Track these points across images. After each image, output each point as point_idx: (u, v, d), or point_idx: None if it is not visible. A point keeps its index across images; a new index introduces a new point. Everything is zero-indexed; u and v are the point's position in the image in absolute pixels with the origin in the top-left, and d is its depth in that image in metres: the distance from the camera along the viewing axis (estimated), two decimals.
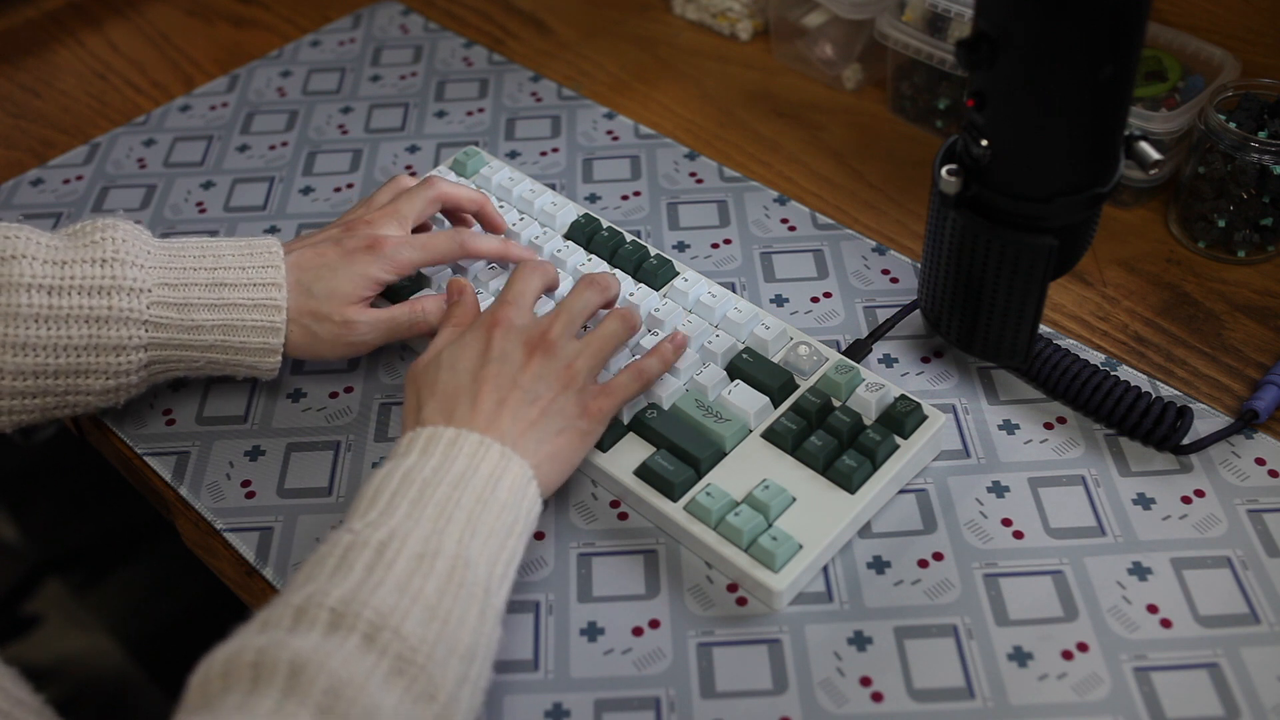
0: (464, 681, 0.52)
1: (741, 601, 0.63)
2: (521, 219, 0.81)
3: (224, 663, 0.49)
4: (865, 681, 0.59)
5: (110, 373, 0.67)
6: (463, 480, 0.57)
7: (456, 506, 0.56)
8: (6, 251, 0.65)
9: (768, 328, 0.72)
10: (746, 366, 0.70)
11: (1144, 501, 0.66)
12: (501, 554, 0.57)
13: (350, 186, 0.91)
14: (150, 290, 0.67)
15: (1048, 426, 0.70)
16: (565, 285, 0.75)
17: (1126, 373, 0.73)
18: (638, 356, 0.69)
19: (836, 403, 0.68)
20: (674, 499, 0.65)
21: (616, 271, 0.77)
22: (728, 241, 0.84)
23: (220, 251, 0.70)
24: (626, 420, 0.68)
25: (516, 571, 0.59)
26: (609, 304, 0.70)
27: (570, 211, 0.82)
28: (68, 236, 0.68)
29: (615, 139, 0.93)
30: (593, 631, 0.62)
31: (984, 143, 0.60)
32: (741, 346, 0.72)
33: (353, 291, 0.70)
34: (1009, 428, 0.70)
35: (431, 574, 0.53)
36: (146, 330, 0.67)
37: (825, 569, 0.64)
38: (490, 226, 0.79)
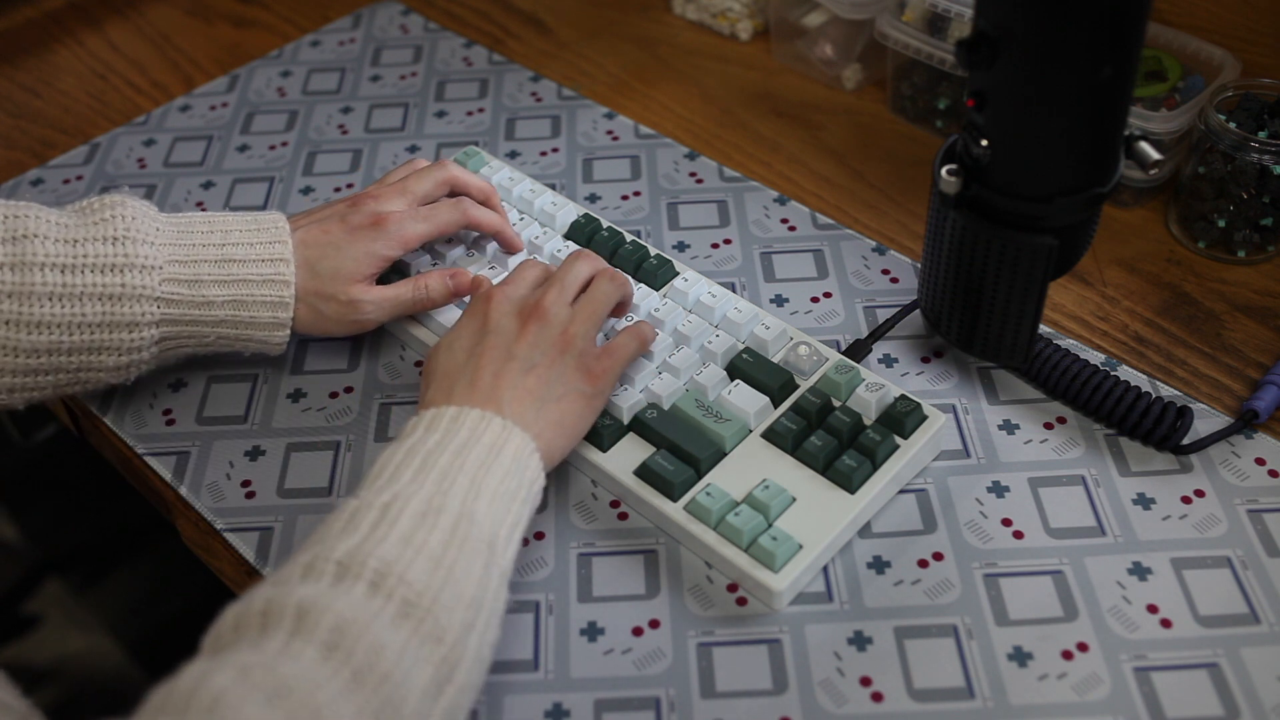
0: (470, 629, 0.53)
1: (741, 601, 0.63)
2: (521, 219, 0.81)
3: (235, 616, 0.50)
4: (865, 681, 0.59)
5: (123, 349, 0.68)
6: (465, 448, 0.58)
7: (460, 471, 0.57)
8: (18, 231, 0.66)
9: (768, 328, 0.72)
10: (746, 366, 0.70)
11: (1144, 501, 0.66)
12: (507, 516, 0.58)
13: (350, 186, 0.91)
14: (161, 267, 0.67)
15: (1048, 426, 0.70)
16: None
17: (1126, 373, 0.73)
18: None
19: (836, 403, 0.68)
20: (674, 499, 0.65)
21: None
22: (728, 241, 0.84)
23: (228, 227, 0.70)
24: (626, 420, 0.68)
25: (521, 540, 0.59)
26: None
27: (570, 211, 0.82)
28: (76, 213, 0.68)
29: (615, 139, 0.93)
30: (593, 631, 0.62)
31: (984, 143, 0.60)
32: (741, 346, 0.72)
33: (357, 270, 0.71)
34: (1009, 428, 0.70)
35: (435, 528, 0.54)
36: (159, 307, 0.67)
37: (825, 569, 0.64)
38: None
